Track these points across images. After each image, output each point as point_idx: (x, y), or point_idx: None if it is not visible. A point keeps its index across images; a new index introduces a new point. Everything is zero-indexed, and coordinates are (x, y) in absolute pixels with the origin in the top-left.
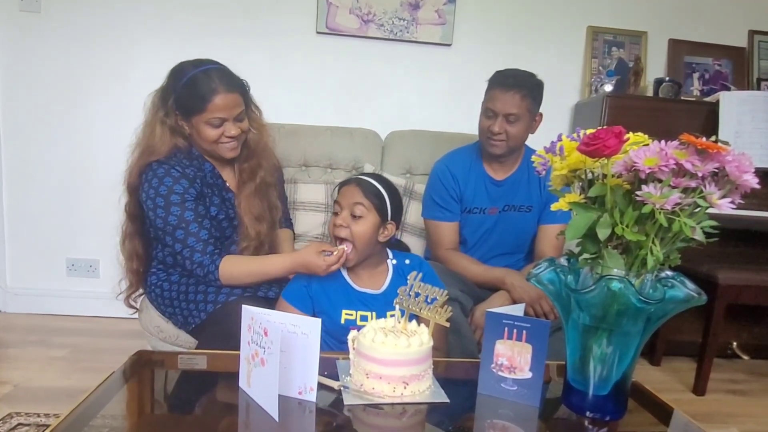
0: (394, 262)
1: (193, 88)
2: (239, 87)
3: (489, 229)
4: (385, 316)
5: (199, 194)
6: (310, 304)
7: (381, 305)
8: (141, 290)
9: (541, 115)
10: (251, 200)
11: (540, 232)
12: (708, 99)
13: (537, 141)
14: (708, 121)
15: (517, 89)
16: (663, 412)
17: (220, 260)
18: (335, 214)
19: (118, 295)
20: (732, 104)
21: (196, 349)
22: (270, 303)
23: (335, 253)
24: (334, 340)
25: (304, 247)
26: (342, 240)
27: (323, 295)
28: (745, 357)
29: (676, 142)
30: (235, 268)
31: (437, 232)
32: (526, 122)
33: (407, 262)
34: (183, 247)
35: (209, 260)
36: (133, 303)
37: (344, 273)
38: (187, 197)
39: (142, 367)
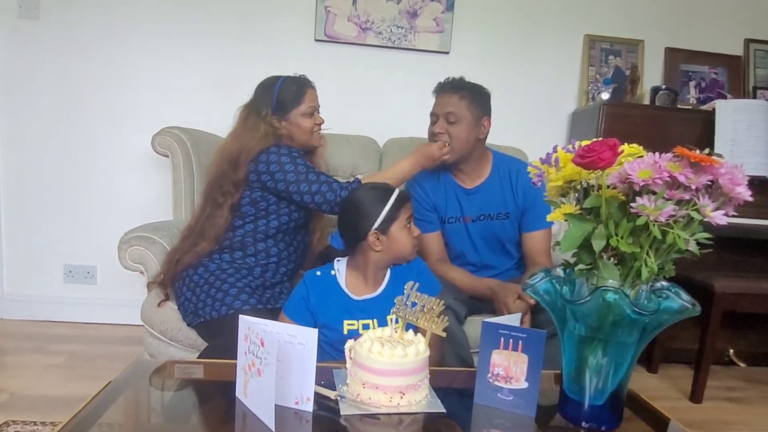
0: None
1: (287, 88)
2: (312, 84)
3: (470, 237)
4: (385, 321)
5: None
6: (311, 318)
7: (379, 309)
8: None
9: (488, 120)
10: None
11: (526, 240)
12: (704, 107)
13: (534, 148)
14: (704, 129)
15: (453, 90)
16: (659, 422)
17: (354, 179)
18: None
19: (149, 282)
20: (728, 112)
21: (204, 350)
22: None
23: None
24: (338, 352)
25: (418, 147)
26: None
27: (323, 308)
28: (742, 364)
29: (670, 155)
30: (376, 179)
31: (422, 245)
32: (468, 123)
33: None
34: (320, 184)
35: (347, 183)
36: (165, 291)
37: (342, 284)
38: (306, 160)
39: (140, 375)
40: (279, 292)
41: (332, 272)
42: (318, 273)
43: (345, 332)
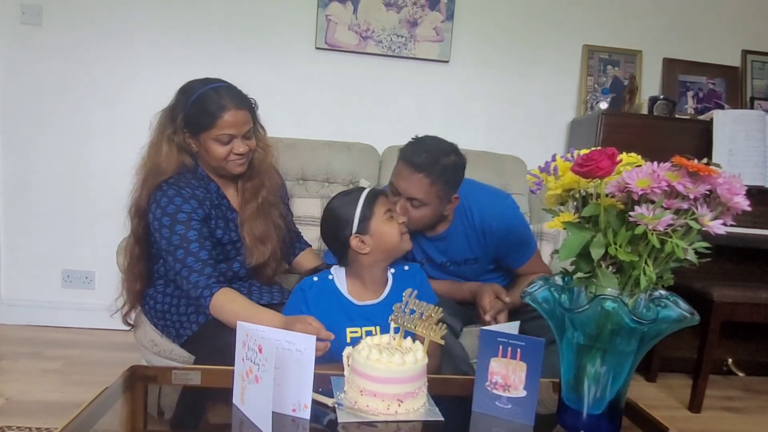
0: (392, 270)
1: (202, 104)
2: (248, 105)
3: (446, 275)
4: (389, 327)
5: (207, 216)
6: None
7: (382, 316)
8: (138, 307)
9: (457, 197)
10: (254, 221)
11: (518, 272)
12: (702, 117)
13: (534, 156)
14: (702, 139)
15: (426, 172)
16: (657, 431)
17: (218, 289)
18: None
19: (113, 313)
20: (726, 123)
21: (194, 363)
22: None
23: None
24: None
25: (299, 321)
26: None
27: (323, 316)
28: (741, 374)
29: (668, 164)
30: (227, 304)
31: None
32: (434, 207)
33: (406, 268)
34: (182, 266)
35: (205, 282)
36: (129, 320)
37: (342, 288)
38: (194, 217)
39: (136, 382)
40: (254, 291)
41: (330, 277)
42: (315, 279)
43: (348, 341)
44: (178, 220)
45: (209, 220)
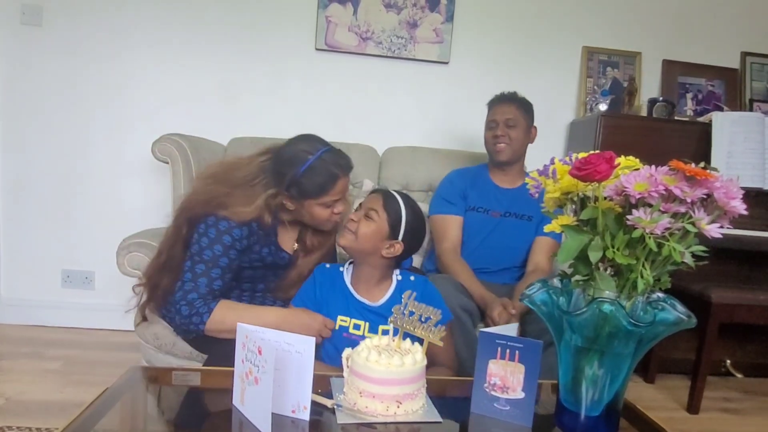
0: (399, 278)
1: (314, 175)
2: (351, 168)
3: (490, 232)
4: (377, 329)
5: (246, 249)
6: (316, 309)
7: (375, 318)
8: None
9: (535, 128)
10: (307, 267)
11: (535, 242)
12: (701, 119)
13: (533, 156)
14: (701, 141)
15: (511, 101)
16: None
17: (215, 304)
18: (356, 210)
19: (130, 309)
20: (725, 124)
21: (205, 363)
22: None
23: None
24: (329, 344)
25: (312, 315)
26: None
27: (325, 300)
28: (739, 375)
29: (665, 168)
30: (230, 312)
31: (442, 226)
32: (524, 128)
33: (411, 278)
34: (191, 280)
35: (202, 303)
36: (146, 314)
37: (347, 280)
38: (237, 246)
39: (137, 382)
40: (267, 300)
41: (341, 269)
42: (327, 266)
43: (336, 327)
44: (222, 241)
45: (250, 253)
